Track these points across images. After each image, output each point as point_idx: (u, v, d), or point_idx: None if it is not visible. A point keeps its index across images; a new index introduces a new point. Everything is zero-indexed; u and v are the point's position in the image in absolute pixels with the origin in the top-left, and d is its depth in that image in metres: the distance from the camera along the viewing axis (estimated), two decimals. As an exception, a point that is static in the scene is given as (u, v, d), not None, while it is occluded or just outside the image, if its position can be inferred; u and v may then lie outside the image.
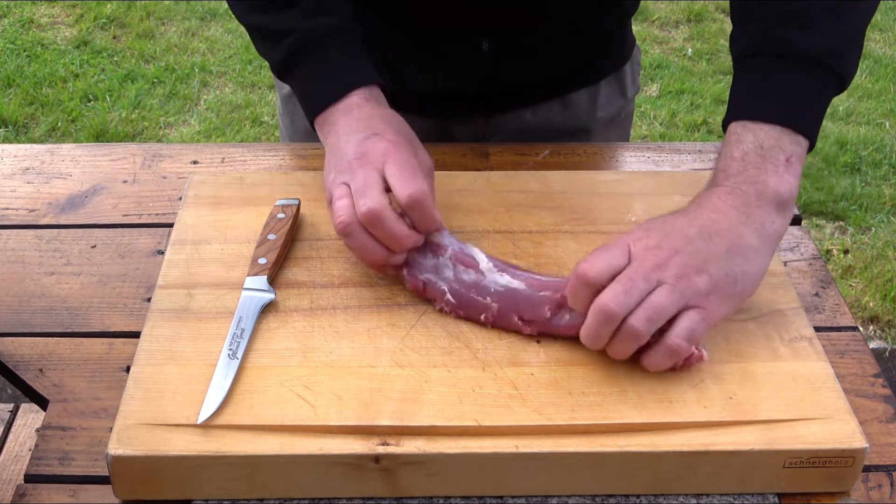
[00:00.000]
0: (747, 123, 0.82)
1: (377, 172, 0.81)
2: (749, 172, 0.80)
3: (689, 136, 2.91)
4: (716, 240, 0.76)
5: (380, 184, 0.80)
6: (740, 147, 0.81)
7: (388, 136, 0.84)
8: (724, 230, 0.77)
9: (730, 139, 0.82)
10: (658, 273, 0.74)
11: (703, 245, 0.76)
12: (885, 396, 0.82)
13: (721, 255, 0.76)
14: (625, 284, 0.73)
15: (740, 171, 0.80)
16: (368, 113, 0.88)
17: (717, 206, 0.79)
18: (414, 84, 1.04)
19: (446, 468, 0.72)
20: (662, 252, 0.75)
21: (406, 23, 1.06)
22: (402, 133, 0.86)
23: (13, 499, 0.73)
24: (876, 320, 2.32)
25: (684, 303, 0.74)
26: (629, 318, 0.73)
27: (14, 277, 0.91)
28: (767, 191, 0.79)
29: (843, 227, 2.59)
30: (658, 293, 0.73)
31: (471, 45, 1.06)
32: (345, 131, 0.86)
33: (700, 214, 0.78)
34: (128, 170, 1.06)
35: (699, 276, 0.74)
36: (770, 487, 0.74)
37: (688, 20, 3.52)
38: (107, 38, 3.31)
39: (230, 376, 0.75)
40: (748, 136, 0.81)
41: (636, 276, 0.73)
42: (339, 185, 0.82)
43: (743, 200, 0.79)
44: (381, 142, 0.83)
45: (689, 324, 0.74)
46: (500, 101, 1.13)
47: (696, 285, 0.74)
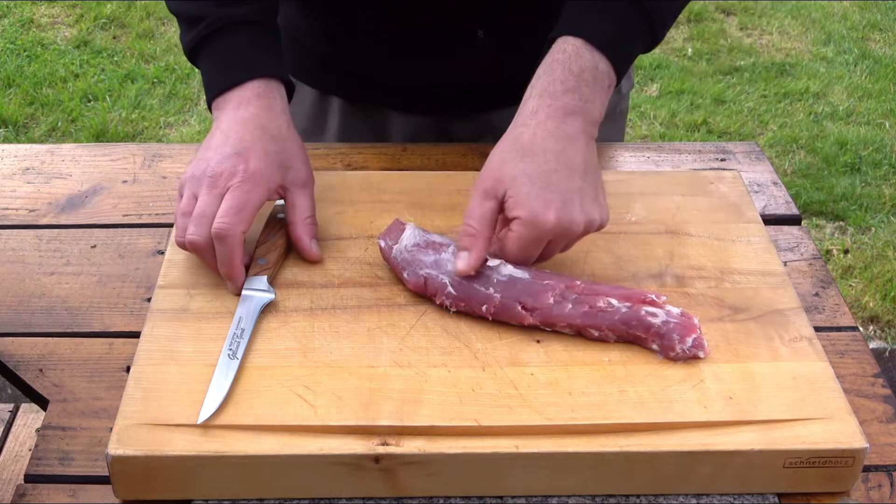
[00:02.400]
0: (584, 45, 0.87)
1: (218, 199, 0.84)
2: (582, 90, 0.86)
3: (689, 136, 2.91)
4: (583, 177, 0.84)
5: (214, 213, 0.83)
6: (578, 63, 0.87)
7: (250, 161, 0.86)
8: (580, 164, 0.84)
9: (567, 49, 0.87)
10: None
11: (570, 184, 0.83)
12: (885, 396, 0.82)
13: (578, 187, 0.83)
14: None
15: (575, 88, 0.86)
16: (251, 115, 0.89)
17: (570, 134, 0.85)
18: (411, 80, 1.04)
19: (446, 468, 0.72)
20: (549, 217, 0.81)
21: (398, 17, 1.05)
22: (270, 155, 0.88)
23: (13, 499, 0.73)
24: (876, 320, 2.32)
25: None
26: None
27: (14, 277, 0.91)
28: (593, 115, 0.87)
29: (843, 227, 2.59)
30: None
31: (465, 38, 1.06)
32: (224, 130, 0.88)
33: (533, 146, 0.84)
34: (128, 170, 1.06)
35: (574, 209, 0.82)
36: (770, 487, 0.74)
37: (688, 20, 3.52)
38: (107, 38, 3.31)
39: (230, 376, 0.75)
40: (586, 54, 0.87)
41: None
42: (190, 194, 0.85)
43: (570, 123, 0.85)
44: (238, 165, 0.85)
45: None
46: (496, 96, 1.13)
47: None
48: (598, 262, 0.88)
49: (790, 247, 0.97)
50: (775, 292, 0.86)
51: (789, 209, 1.03)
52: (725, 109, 3.03)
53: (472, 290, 0.81)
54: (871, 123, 2.99)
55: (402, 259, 0.84)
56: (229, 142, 0.87)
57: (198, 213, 0.84)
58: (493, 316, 0.81)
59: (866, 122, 2.99)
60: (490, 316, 0.81)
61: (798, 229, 1.00)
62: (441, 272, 0.83)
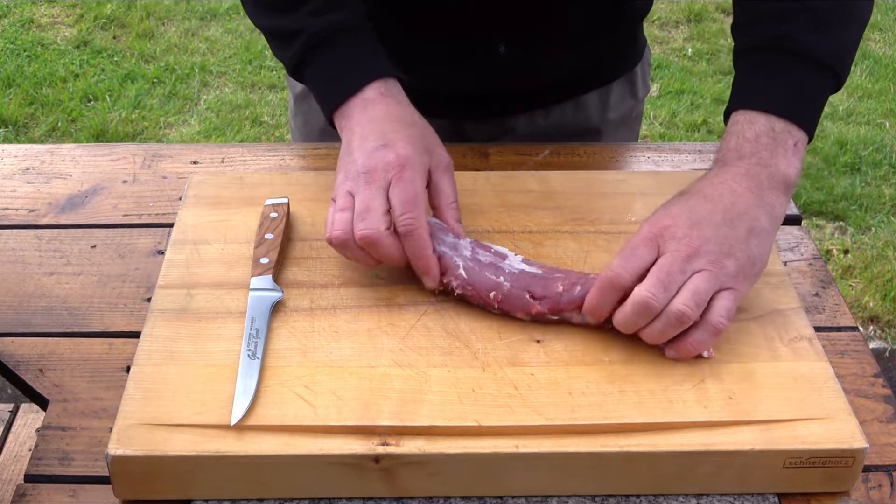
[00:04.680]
0: (756, 112, 0.85)
1: (382, 192, 0.82)
2: (761, 154, 0.83)
3: (689, 136, 2.91)
4: (737, 224, 0.80)
5: (382, 206, 0.82)
6: (752, 129, 0.84)
7: (399, 147, 0.84)
8: (742, 213, 0.80)
9: (738, 121, 0.86)
10: (691, 263, 0.77)
11: (728, 231, 0.79)
12: (885, 396, 0.82)
13: (743, 239, 0.79)
14: (662, 278, 0.76)
15: (753, 153, 0.83)
16: (383, 112, 0.88)
17: (734, 189, 0.82)
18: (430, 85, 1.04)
19: (446, 468, 0.72)
20: (693, 241, 0.78)
21: (422, 25, 1.06)
22: (415, 139, 0.86)
23: (13, 499, 0.73)
24: (876, 320, 2.32)
25: (718, 286, 0.77)
26: (675, 303, 0.76)
27: (14, 277, 0.91)
28: (778, 174, 0.83)
29: (843, 227, 2.59)
30: (698, 279, 0.77)
31: (488, 47, 1.06)
32: (359, 132, 0.87)
33: (720, 197, 0.81)
34: (128, 170, 1.06)
35: (728, 259, 0.78)
36: (770, 487, 0.74)
37: (688, 20, 3.52)
38: (107, 38, 3.31)
39: (255, 376, 0.75)
40: (760, 119, 0.85)
41: (673, 269, 0.77)
42: (345, 193, 0.84)
43: (756, 183, 0.82)
44: (390, 154, 0.84)
45: (727, 303, 0.77)
46: (514, 102, 1.14)
47: (726, 268, 0.78)
48: (598, 262, 0.88)
49: (790, 247, 0.97)
50: (775, 292, 0.86)
51: (789, 209, 1.03)
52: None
53: (483, 276, 0.82)
54: (871, 123, 2.99)
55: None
56: (370, 138, 0.86)
57: (362, 207, 0.82)
58: (498, 304, 0.81)
59: (866, 122, 2.99)
60: (496, 304, 0.81)
61: (798, 229, 1.00)
62: (457, 254, 0.83)
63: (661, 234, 0.78)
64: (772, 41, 0.87)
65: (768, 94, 0.86)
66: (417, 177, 0.84)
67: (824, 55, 0.86)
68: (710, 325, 0.77)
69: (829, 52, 0.86)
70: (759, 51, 0.88)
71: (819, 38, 0.86)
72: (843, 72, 0.88)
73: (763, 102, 0.85)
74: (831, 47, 0.87)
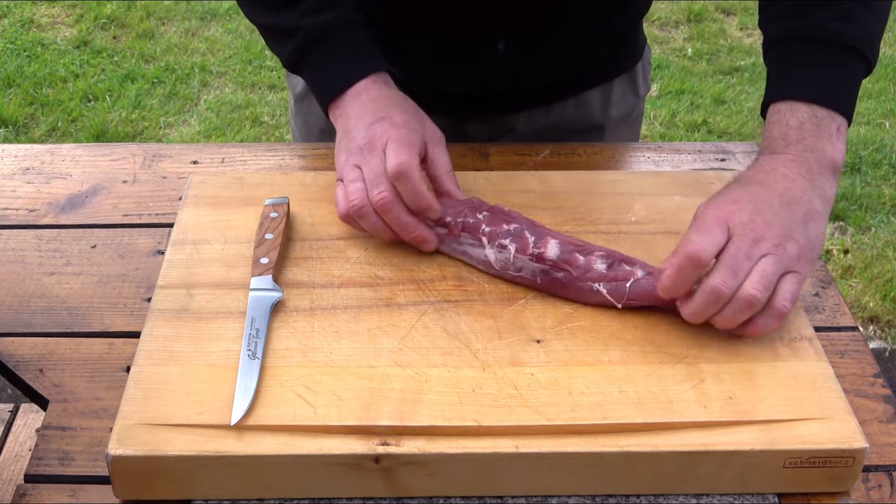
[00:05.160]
0: (796, 102, 0.87)
1: (385, 157, 0.86)
2: (807, 140, 0.85)
3: (689, 136, 2.91)
4: (794, 207, 0.81)
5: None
6: (795, 117, 0.86)
7: (395, 118, 0.88)
8: (798, 197, 0.82)
9: (781, 110, 0.88)
10: (757, 248, 0.78)
11: (787, 214, 0.80)
12: (885, 396, 0.82)
13: (800, 222, 0.81)
14: (732, 265, 0.77)
15: (799, 140, 0.85)
16: (376, 95, 0.92)
17: (787, 174, 0.83)
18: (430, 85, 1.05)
19: (446, 468, 0.72)
20: (757, 226, 0.79)
21: (423, 25, 1.06)
22: (408, 112, 0.90)
23: (13, 499, 0.73)
24: (876, 320, 2.32)
25: (783, 269, 0.79)
26: (746, 287, 0.77)
27: (14, 277, 0.91)
28: (825, 158, 0.85)
29: (843, 227, 2.59)
30: (765, 263, 0.78)
31: (487, 46, 1.06)
32: (354, 114, 0.91)
33: (774, 183, 0.83)
34: (128, 170, 1.06)
35: (790, 243, 0.79)
36: (770, 487, 0.74)
37: (688, 20, 3.52)
38: (107, 38, 3.31)
39: (255, 376, 0.75)
40: (801, 107, 0.86)
41: (739, 256, 0.78)
42: (352, 167, 0.88)
43: (807, 168, 0.84)
44: (385, 124, 0.88)
45: (791, 286, 0.79)
46: (515, 101, 1.14)
47: (789, 252, 0.79)
48: (598, 262, 0.88)
49: (790, 247, 0.97)
50: (775, 292, 0.85)
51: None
52: (725, 109, 3.03)
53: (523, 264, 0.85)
54: (871, 123, 2.99)
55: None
56: (366, 116, 0.90)
57: (373, 175, 0.85)
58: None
59: (866, 122, 2.99)
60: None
61: (798, 229, 1.00)
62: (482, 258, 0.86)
63: (729, 216, 0.80)
64: (803, 31, 0.89)
65: (807, 84, 0.87)
66: (412, 134, 0.87)
67: (855, 41, 0.88)
68: (776, 308, 0.78)
69: (859, 38, 0.88)
70: (792, 41, 0.90)
71: (848, 24, 0.88)
72: (874, 56, 0.90)
73: (803, 92, 0.87)
74: (861, 33, 0.89)
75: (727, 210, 0.80)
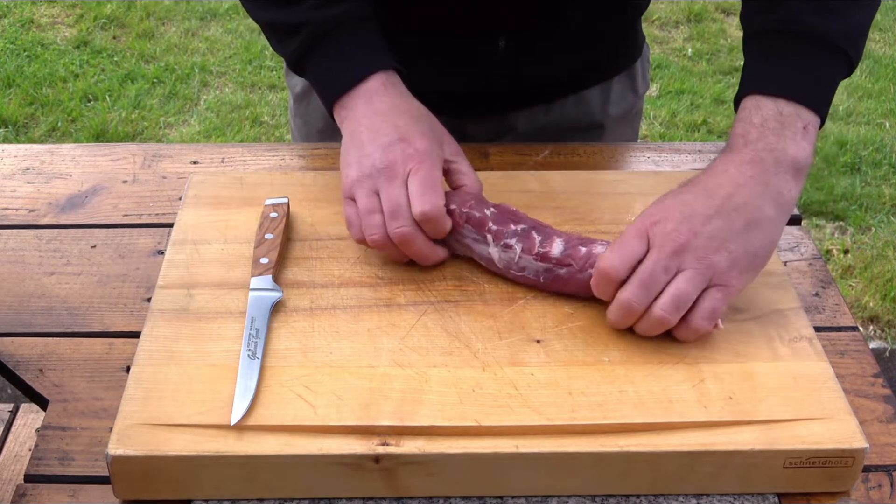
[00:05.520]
0: (764, 97, 0.84)
1: (404, 186, 0.83)
2: (768, 139, 0.81)
3: (689, 136, 2.91)
4: (734, 216, 0.78)
5: (408, 203, 0.83)
6: (759, 113, 0.83)
7: (416, 143, 0.85)
8: (742, 204, 0.79)
9: (746, 106, 0.84)
10: (677, 260, 0.76)
11: (722, 223, 0.78)
12: (885, 396, 0.82)
13: (739, 231, 0.78)
14: (645, 279, 0.76)
15: (759, 138, 0.82)
16: (389, 104, 0.88)
17: (735, 179, 0.80)
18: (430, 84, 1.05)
19: (446, 468, 0.72)
20: (681, 236, 0.77)
21: (423, 24, 1.06)
22: (427, 134, 0.87)
23: (13, 499, 0.73)
24: (876, 320, 2.32)
25: (706, 283, 0.77)
26: (654, 307, 0.76)
27: (14, 277, 0.91)
28: (786, 157, 0.81)
29: (843, 227, 2.59)
30: (680, 280, 0.76)
31: (487, 45, 1.06)
32: (367, 125, 0.87)
33: (718, 190, 0.80)
34: (128, 170, 1.06)
35: (718, 254, 0.77)
36: (770, 487, 0.74)
37: (688, 20, 3.52)
38: (107, 38, 3.31)
39: (255, 376, 0.75)
40: (767, 103, 0.83)
41: (656, 269, 0.76)
42: (368, 192, 0.84)
43: (762, 169, 0.80)
44: (408, 149, 0.85)
45: (711, 303, 0.77)
46: (515, 100, 1.14)
47: (716, 265, 0.77)
48: (598, 262, 0.88)
49: (790, 247, 0.97)
50: (775, 292, 0.85)
51: (789, 209, 1.03)
52: (725, 109, 3.03)
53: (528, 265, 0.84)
54: (871, 123, 2.99)
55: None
56: (383, 132, 0.86)
57: (391, 206, 0.83)
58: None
59: (866, 122, 2.99)
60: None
61: (798, 229, 1.00)
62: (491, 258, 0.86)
63: (650, 227, 0.78)
64: (778, 24, 0.86)
65: (775, 78, 0.84)
66: (436, 167, 0.85)
67: (833, 36, 0.85)
68: (692, 326, 0.77)
69: (837, 33, 0.85)
70: (766, 34, 0.87)
71: (826, 18, 0.85)
72: (855, 53, 0.86)
73: (770, 86, 0.84)
74: (840, 28, 0.85)
75: (652, 220, 0.78)
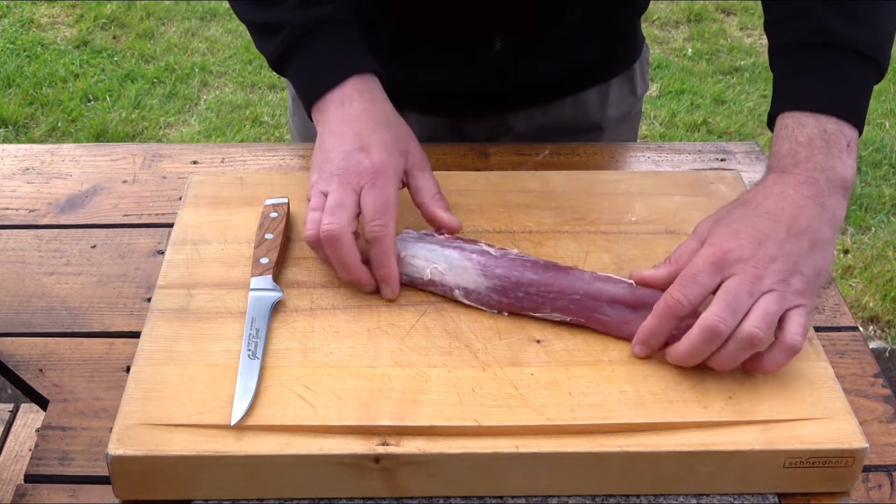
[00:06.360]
0: (805, 114, 0.83)
1: (354, 194, 0.83)
2: (817, 158, 0.81)
3: (689, 136, 2.91)
4: (801, 238, 0.78)
5: (353, 208, 0.82)
6: (804, 132, 0.82)
7: (374, 153, 0.85)
8: (806, 227, 0.79)
9: (788, 124, 0.84)
10: (759, 284, 0.75)
11: (793, 247, 0.77)
12: (885, 396, 0.82)
13: (807, 253, 0.78)
14: (731, 302, 0.74)
15: (808, 157, 0.81)
16: (359, 110, 0.88)
17: (796, 201, 0.80)
18: (427, 84, 1.05)
19: (446, 468, 0.72)
20: (759, 263, 0.76)
21: (419, 23, 1.06)
22: (390, 144, 0.86)
23: (13, 499, 0.73)
24: (876, 320, 2.32)
25: (787, 305, 0.76)
26: (746, 326, 0.74)
27: (14, 277, 0.91)
28: (836, 177, 0.81)
29: (843, 227, 2.59)
30: (767, 300, 0.75)
31: (483, 45, 1.06)
32: (336, 130, 0.87)
33: (781, 213, 0.79)
34: (128, 170, 1.06)
35: (794, 277, 0.77)
36: (770, 487, 0.74)
37: (688, 20, 3.52)
38: (107, 38, 3.31)
39: (255, 376, 0.75)
40: (810, 121, 0.83)
41: (741, 292, 0.75)
42: (318, 193, 0.84)
43: (817, 191, 0.80)
44: (365, 160, 0.84)
45: (800, 320, 0.76)
46: (512, 100, 1.14)
47: (794, 286, 0.76)
48: (597, 262, 0.88)
49: (790, 247, 0.97)
50: (775, 292, 0.85)
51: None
52: (725, 109, 3.03)
53: (484, 297, 0.83)
54: (871, 123, 2.99)
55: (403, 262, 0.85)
56: (346, 139, 0.86)
57: (333, 204, 0.82)
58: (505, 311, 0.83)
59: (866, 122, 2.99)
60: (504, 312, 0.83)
61: (798, 229, 1.00)
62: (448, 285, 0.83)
63: (724, 258, 0.76)
64: (809, 36, 0.86)
65: (814, 94, 0.84)
66: (391, 184, 0.84)
67: (864, 46, 0.84)
68: (787, 344, 0.75)
69: (868, 43, 0.85)
70: (798, 48, 0.87)
71: (856, 27, 0.84)
72: (885, 60, 0.86)
73: (810, 103, 0.83)
74: (870, 36, 0.85)
75: (723, 250, 0.77)
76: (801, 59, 0.86)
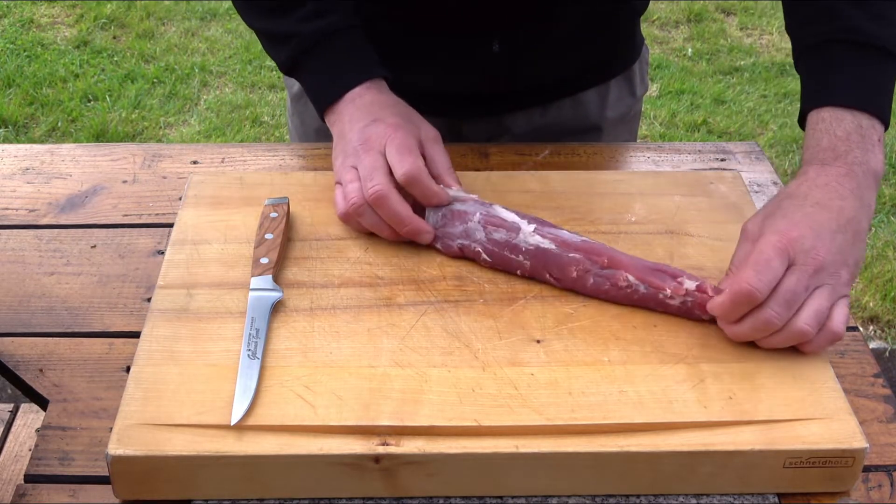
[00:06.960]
0: (842, 109, 0.86)
1: (381, 156, 0.88)
2: (854, 153, 0.84)
3: (689, 136, 2.91)
4: (847, 230, 0.81)
5: (384, 167, 0.87)
6: (842, 126, 0.85)
7: (388, 119, 0.90)
8: (851, 218, 0.81)
9: (825, 118, 0.86)
10: (816, 278, 0.78)
11: (843, 238, 0.80)
12: (885, 396, 0.82)
13: (851, 244, 0.80)
14: (788, 298, 0.77)
15: (847, 151, 0.84)
16: (369, 100, 0.93)
17: (840, 192, 0.82)
18: (426, 85, 1.05)
19: (446, 468, 0.72)
20: (819, 254, 0.78)
21: (417, 24, 1.06)
22: (401, 114, 0.92)
23: (13, 499, 0.73)
24: (876, 320, 2.32)
25: (836, 297, 0.78)
26: (796, 321, 0.77)
27: (14, 277, 0.91)
28: (870, 171, 0.84)
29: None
30: (819, 296, 0.78)
31: (482, 46, 1.06)
32: (349, 118, 0.92)
33: (830, 203, 0.81)
34: (128, 170, 1.06)
35: (844, 269, 0.79)
36: (770, 487, 0.74)
37: (688, 20, 3.52)
38: (107, 38, 3.31)
39: (255, 376, 0.75)
40: (847, 116, 0.85)
41: (798, 288, 0.77)
42: (349, 168, 0.89)
43: (857, 183, 0.83)
44: (380, 126, 0.89)
45: (844, 310, 0.79)
46: (511, 101, 1.14)
47: (843, 279, 0.79)
48: (598, 262, 0.88)
49: (790, 247, 0.97)
50: (775, 292, 0.85)
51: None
52: (725, 109, 3.03)
53: (504, 257, 0.86)
54: (871, 123, 2.98)
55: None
56: (360, 119, 0.91)
57: (366, 171, 0.87)
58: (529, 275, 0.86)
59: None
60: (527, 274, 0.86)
61: (798, 229, 1.00)
62: (473, 241, 0.87)
63: (791, 245, 0.78)
64: (837, 34, 0.88)
65: (849, 90, 0.86)
66: (411, 134, 0.89)
67: (891, 43, 0.87)
68: (832, 332, 0.78)
69: (894, 40, 0.87)
70: (828, 45, 0.89)
71: (882, 25, 0.87)
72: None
73: (846, 98, 0.86)
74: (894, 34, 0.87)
75: (788, 238, 0.78)
76: (832, 57, 0.89)
